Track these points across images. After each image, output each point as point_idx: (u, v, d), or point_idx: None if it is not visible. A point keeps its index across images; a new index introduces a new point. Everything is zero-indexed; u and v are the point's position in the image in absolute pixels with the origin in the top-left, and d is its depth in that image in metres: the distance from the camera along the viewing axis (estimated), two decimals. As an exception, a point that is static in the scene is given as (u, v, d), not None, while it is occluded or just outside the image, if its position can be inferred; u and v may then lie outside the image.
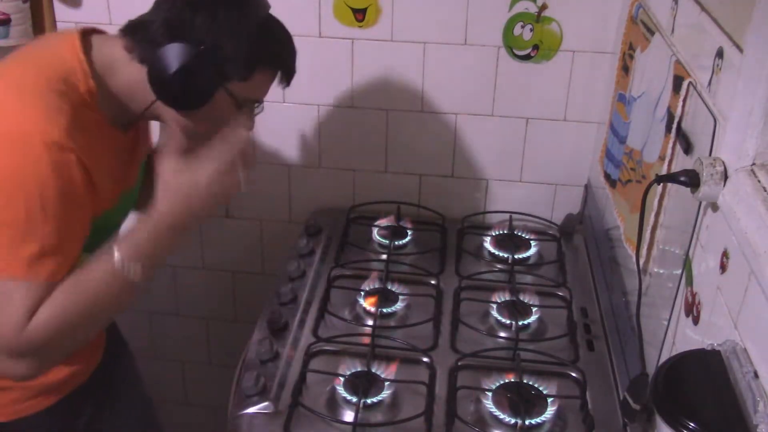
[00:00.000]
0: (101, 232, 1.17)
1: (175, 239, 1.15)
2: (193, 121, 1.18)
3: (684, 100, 1.08)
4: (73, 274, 1.08)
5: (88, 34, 1.17)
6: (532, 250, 1.68)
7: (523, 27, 1.64)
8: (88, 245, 1.14)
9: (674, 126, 1.10)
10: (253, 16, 1.15)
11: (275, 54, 1.20)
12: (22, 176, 1.03)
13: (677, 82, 1.12)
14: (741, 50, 0.92)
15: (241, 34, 1.13)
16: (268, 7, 1.20)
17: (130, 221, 1.29)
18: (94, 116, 1.12)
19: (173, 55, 1.10)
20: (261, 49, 1.16)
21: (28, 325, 1.04)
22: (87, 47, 1.14)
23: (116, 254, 1.10)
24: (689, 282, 1.03)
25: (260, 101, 1.23)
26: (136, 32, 1.15)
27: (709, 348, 0.89)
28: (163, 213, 1.14)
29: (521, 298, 1.50)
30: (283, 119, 1.81)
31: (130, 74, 1.14)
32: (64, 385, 1.25)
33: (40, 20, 1.75)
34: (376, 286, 1.52)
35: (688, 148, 1.08)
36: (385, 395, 1.26)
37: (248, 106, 1.21)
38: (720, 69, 0.99)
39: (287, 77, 1.23)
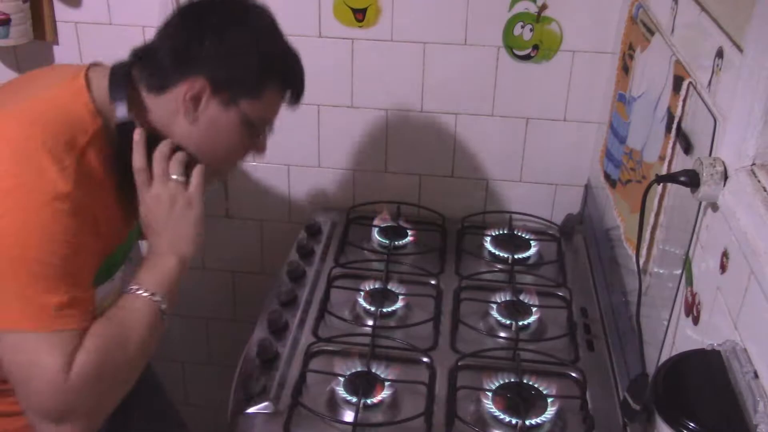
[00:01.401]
0: (110, 267, 1.17)
1: (183, 266, 1.17)
2: (208, 144, 1.17)
3: (684, 100, 1.08)
4: (103, 317, 1.06)
5: (88, 71, 1.15)
6: (532, 250, 1.68)
7: (523, 27, 1.64)
8: (97, 279, 1.12)
9: (674, 126, 1.10)
10: (259, 32, 1.16)
11: (284, 71, 1.20)
12: (27, 231, 1.00)
13: (677, 82, 1.12)
14: (741, 50, 0.92)
15: (249, 54, 1.13)
16: (271, 18, 1.20)
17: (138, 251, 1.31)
18: (103, 155, 1.10)
19: None
20: (270, 65, 1.16)
21: (68, 379, 0.98)
22: (89, 84, 1.12)
23: (141, 288, 1.10)
24: (689, 282, 1.03)
25: (272, 121, 1.23)
26: (144, 63, 1.14)
27: (709, 348, 0.89)
28: (161, 246, 1.16)
29: (521, 298, 1.50)
30: (284, 119, 1.80)
31: (146, 102, 1.14)
32: None
33: (40, 20, 1.75)
34: (376, 286, 1.52)
35: (688, 148, 1.08)
36: (385, 395, 1.26)
37: (262, 126, 1.21)
38: (720, 69, 0.99)
39: (297, 95, 1.24)
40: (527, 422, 1.20)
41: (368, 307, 1.46)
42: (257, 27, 1.16)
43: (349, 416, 1.22)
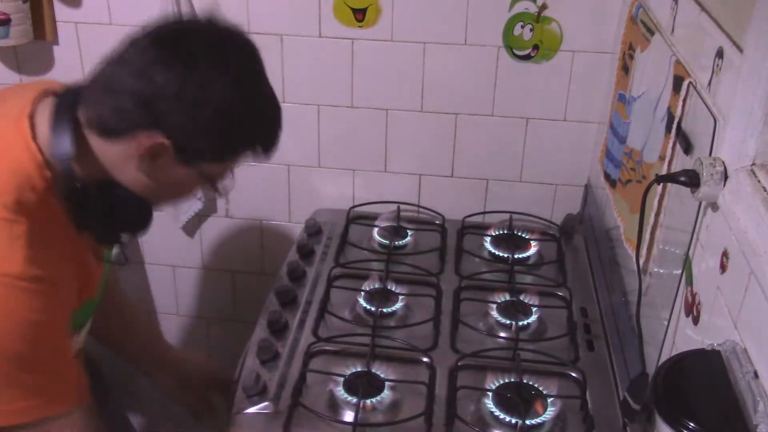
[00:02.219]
0: (79, 320, 1.15)
1: None
2: (159, 193, 1.10)
3: (684, 100, 1.08)
4: None
5: (37, 103, 1.05)
6: (532, 250, 1.68)
7: (523, 27, 1.64)
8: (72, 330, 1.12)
9: (674, 126, 1.10)
10: (238, 86, 1.03)
11: (256, 134, 1.10)
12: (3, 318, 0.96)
13: (677, 82, 1.12)
14: (741, 50, 0.92)
15: (222, 121, 1.02)
16: (260, 61, 1.10)
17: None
18: (56, 210, 1.03)
19: None
20: (242, 132, 1.07)
21: None
22: (34, 129, 1.02)
23: None
24: (689, 282, 1.03)
25: (229, 177, 1.17)
26: (98, 100, 1.03)
27: (709, 348, 0.89)
28: None
29: (521, 298, 1.50)
30: (284, 119, 1.80)
31: (94, 148, 1.05)
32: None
33: (40, 20, 1.75)
34: (376, 286, 1.52)
35: (688, 148, 1.08)
36: (385, 395, 1.26)
37: (214, 185, 1.14)
38: (720, 69, 0.99)
39: (267, 152, 1.14)
40: (527, 422, 1.20)
41: (368, 307, 1.46)
42: (246, 84, 1.05)
43: (349, 416, 1.22)
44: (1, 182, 0.99)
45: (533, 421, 1.21)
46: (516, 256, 1.64)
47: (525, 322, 1.45)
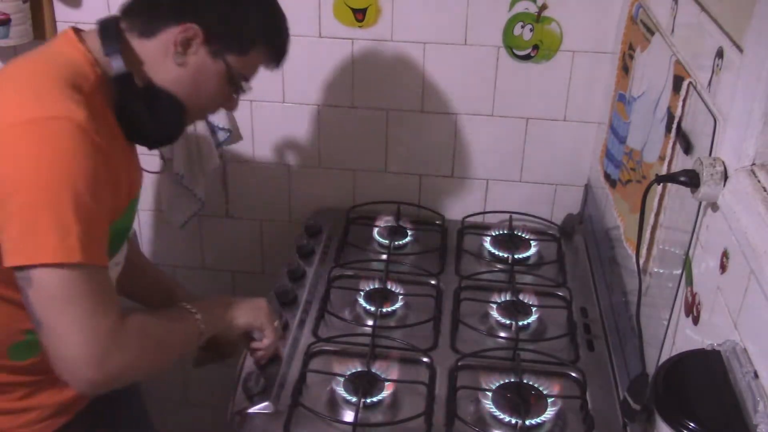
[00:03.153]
0: (115, 236, 1.14)
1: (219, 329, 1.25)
2: (192, 88, 1.17)
3: (684, 100, 1.08)
4: (154, 315, 1.15)
5: (77, 32, 1.16)
6: (532, 250, 1.68)
7: (523, 27, 1.64)
8: (112, 244, 1.12)
9: (674, 126, 1.10)
10: None
11: (274, 35, 1.22)
12: (61, 157, 0.98)
13: (677, 82, 1.12)
14: (741, 50, 0.92)
15: (247, 12, 1.16)
16: None
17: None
18: (106, 105, 1.11)
19: None
20: (263, 28, 1.19)
21: (126, 322, 1.03)
22: (81, 38, 1.13)
23: (198, 314, 1.18)
24: (689, 282, 1.03)
25: (249, 79, 1.24)
26: (138, 8, 1.15)
27: (709, 348, 0.89)
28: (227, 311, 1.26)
29: (521, 298, 1.50)
30: (283, 119, 1.81)
31: (136, 49, 1.14)
32: (78, 400, 1.23)
33: (40, 20, 1.75)
34: (376, 286, 1.52)
35: (688, 148, 1.08)
36: (385, 395, 1.26)
37: (239, 82, 1.21)
38: (720, 69, 0.99)
39: (279, 60, 1.24)
40: (527, 422, 1.20)
41: (368, 307, 1.46)
42: None
43: (349, 416, 1.22)
44: (56, 69, 1.07)
45: (533, 421, 1.21)
46: (516, 256, 1.65)
47: (525, 322, 1.45)
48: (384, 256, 1.62)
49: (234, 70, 1.17)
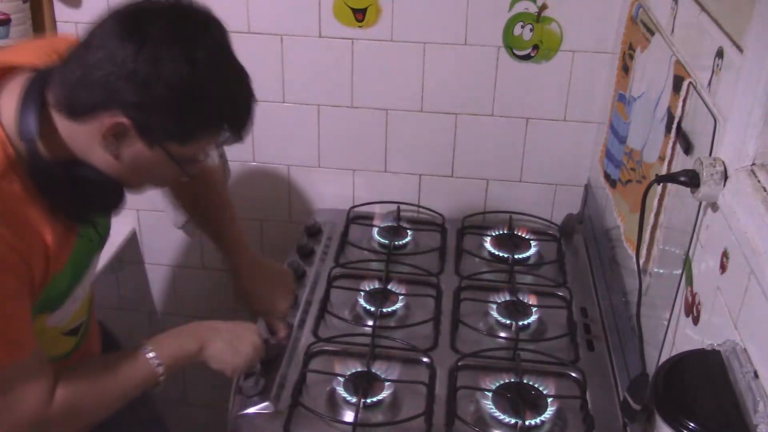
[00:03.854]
0: (58, 295, 1.14)
1: (196, 359, 1.23)
2: (131, 176, 1.08)
3: (684, 100, 1.08)
4: (100, 361, 1.15)
5: (3, 84, 1.05)
6: (532, 250, 1.68)
7: (523, 27, 1.64)
8: (50, 305, 1.13)
9: (674, 126, 1.10)
10: (203, 64, 1.00)
11: (222, 114, 1.06)
12: None
13: (677, 82, 1.12)
14: (741, 50, 0.92)
15: (183, 98, 1.00)
16: (223, 38, 1.05)
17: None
18: (20, 186, 1.01)
19: None
20: (206, 111, 1.03)
21: (52, 405, 1.05)
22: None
23: (154, 356, 1.15)
24: (689, 282, 1.03)
25: (201, 160, 1.13)
26: (62, 81, 1.02)
27: (709, 348, 0.89)
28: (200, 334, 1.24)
29: (521, 298, 1.50)
30: (283, 119, 1.81)
31: (61, 129, 1.03)
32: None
33: (40, 20, 1.75)
34: (376, 286, 1.52)
35: (688, 148, 1.08)
36: (385, 395, 1.26)
37: (185, 167, 1.09)
38: (720, 69, 0.99)
39: (237, 135, 1.09)
40: (527, 422, 1.20)
41: (368, 307, 1.46)
42: (202, 60, 1.00)
43: (349, 416, 1.22)
44: None
45: (533, 421, 1.21)
46: (516, 256, 1.65)
47: (525, 322, 1.45)
48: (384, 256, 1.62)
49: (177, 156, 1.05)
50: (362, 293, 1.49)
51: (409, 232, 1.73)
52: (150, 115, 1.00)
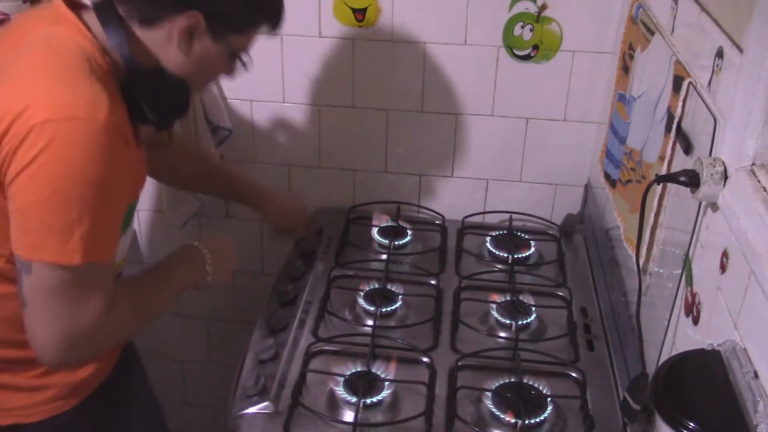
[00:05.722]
0: (130, 212, 1.21)
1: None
2: (198, 72, 1.20)
3: (684, 100, 1.08)
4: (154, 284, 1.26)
5: (76, 9, 1.15)
6: (532, 250, 1.68)
7: (523, 27, 1.64)
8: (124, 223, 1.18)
9: (674, 126, 1.10)
10: None
11: (272, 9, 1.23)
12: (76, 160, 1.01)
13: (677, 82, 1.12)
14: (741, 50, 0.92)
15: None
16: None
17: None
18: (116, 91, 1.12)
19: None
20: (260, 5, 1.20)
21: (109, 317, 1.10)
22: (88, 28, 1.12)
23: (207, 253, 1.33)
24: (689, 282, 1.03)
25: (248, 50, 1.26)
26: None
27: (709, 348, 0.89)
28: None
29: (521, 298, 1.50)
30: (283, 119, 1.81)
31: (138, 37, 1.14)
32: (89, 383, 1.27)
33: (40, 20, 1.75)
34: (376, 286, 1.52)
35: (688, 148, 1.08)
36: (385, 395, 1.26)
37: (241, 58, 1.23)
38: (720, 69, 0.99)
39: (276, 26, 1.25)
40: (527, 422, 1.20)
41: (368, 307, 1.46)
42: None
43: (349, 416, 1.22)
44: (74, 55, 1.07)
45: (533, 421, 1.21)
46: (516, 256, 1.65)
47: (525, 322, 1.45)
48: (384, 256, 1.62)
49: (236, 49, 1.20)
50: (362, 293, 1.49)
51: (409, 232, 1.73)
52: (216, 6, 1.14)
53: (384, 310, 1.46)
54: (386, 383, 1.27)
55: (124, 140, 1.06)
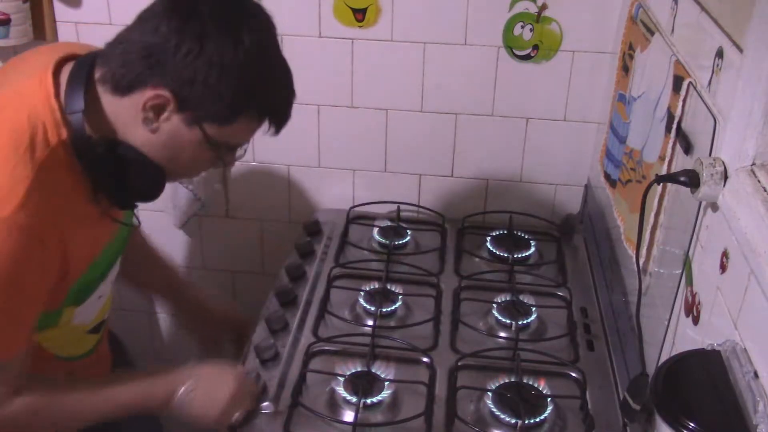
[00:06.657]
0: (87, 285, 1.16)
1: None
2: (167, 155, 1.08)
3: (684, 100, 1.08)
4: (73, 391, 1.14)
5: (61, 65, 1.07)
6: (532, 250, 1.68)
7: (523, 27, 1.64)
8: (77, 297, 1.14)
9: (674, 126, 1.10)
10: (247, 52, 1.02)
11: (264, 101, 1.08)
12: None
13: (677, 82, 1.12)
14: (741, 50, 0.92)
15: (227, 79, 1.01)
16: (270, 30, 1.08)
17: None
18: (66, 171, 1.04)
19: None
20: (248, 95, 1.05)
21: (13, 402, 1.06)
22: (57, 84, 1.04)
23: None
24: (689, 282, 1.03)
25: (243, 145, 1.14)
26: (111, 56, 1.05)
27: (709, 348, 0.89)
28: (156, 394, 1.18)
29: (521, 298, 1.50)
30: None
31: (106, 106, 1.05)
32: None
33: (40, 20, 1.75)
34: (376, 286, 1.52)
35: (688, 148, 1.08)
36: (385, 395, 1.26)
37: (222, 151, 1.10)
38: (720, 69, 0.99)
39: (277, 126, 1.11)
40: (527, 422, 1.20)
41: (368, 307, 1.46)
42: (248, 43, 1.02)
43: (349, 416, 1.22)
44: (16, 129, 1.00)
45: (533, 421, 1.21)
46: (516, 256, 1.65)
47: (525, 322, 1.45)
48: (384, 256, 1.62)
49: (214, 139, 1.06)
50: (362, 293, 1.49)
51: (409, 232, 1.73)
52: (190, 90, 1.01)
53: (384, 310, 1.46)
54: (386, 383, 1.27)
55: (38, 239, 0.99)
